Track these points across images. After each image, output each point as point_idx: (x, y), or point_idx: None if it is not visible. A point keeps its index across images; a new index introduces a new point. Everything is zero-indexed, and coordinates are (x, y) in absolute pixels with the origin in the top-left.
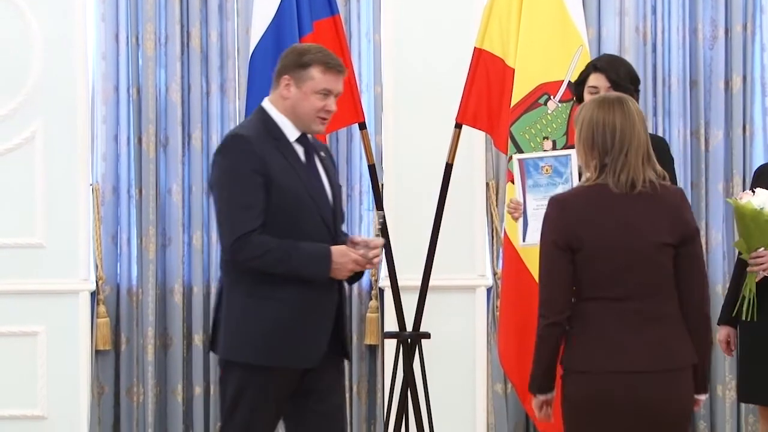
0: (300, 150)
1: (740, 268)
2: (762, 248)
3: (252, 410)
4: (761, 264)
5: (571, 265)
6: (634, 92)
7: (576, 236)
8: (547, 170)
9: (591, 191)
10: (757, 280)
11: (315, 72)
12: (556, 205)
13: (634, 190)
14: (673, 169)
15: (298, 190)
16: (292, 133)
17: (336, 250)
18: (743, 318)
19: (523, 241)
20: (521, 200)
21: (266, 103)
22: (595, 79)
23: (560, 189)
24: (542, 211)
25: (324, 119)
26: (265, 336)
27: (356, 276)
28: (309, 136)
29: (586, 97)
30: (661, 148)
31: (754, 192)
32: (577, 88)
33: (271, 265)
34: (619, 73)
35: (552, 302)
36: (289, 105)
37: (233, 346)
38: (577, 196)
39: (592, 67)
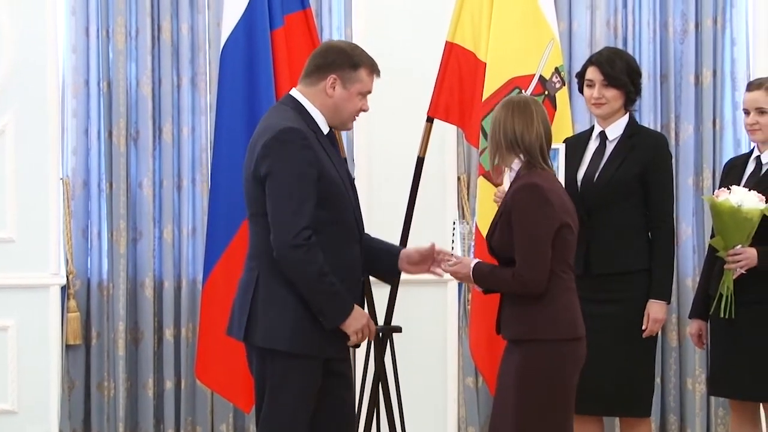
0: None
1: (710, 264)
2: (739, 245)
3: (296, 398)
4: (739, 261)
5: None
6: (632, 85)
7: (561, 220)
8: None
9: (551, 178)
10: (734, 277)
11: (363, 74)
12: (542, 193)
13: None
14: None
15: (337, 183)
16: (324, 127)
17: (357, 310)
18: (721, 315)
19: None
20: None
21: (298, 95)
22: (591, 73)
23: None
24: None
25: (356, 118)
26: (303, 325)
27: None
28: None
29: (585, 90)
30: (661, 145)
31: (729, 189)
32: (579, 81)
33: (310, 278)
34: (614, 67)
35: (540, 283)
36: (331, 103)
37: (276, 335)
38: (550, 182)
39: (589, 61)
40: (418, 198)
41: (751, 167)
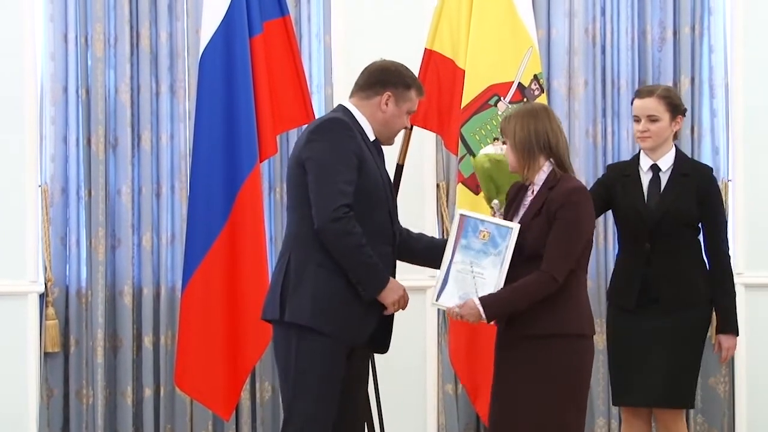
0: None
1: None
2: (495, 200)
3: (320, 380)
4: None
5: None
6: None
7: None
8: (484, 236)
9: None
10: None
11: (414, 94)
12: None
13: None
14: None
15: (377, 181)
16: (370, 134)
17: (393, 282)
18: None
19: (437, 300)
20: (449, 256)
21: (350, 105)
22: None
23: (491, 259)
24: (464, 276)
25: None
26: (330, 305)
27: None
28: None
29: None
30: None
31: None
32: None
33: (350, 248)
34: None
35: (563, 277)
36: (382, 118)
37: (302, 312)
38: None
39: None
40: (398, 205)
41: (648, 176)
